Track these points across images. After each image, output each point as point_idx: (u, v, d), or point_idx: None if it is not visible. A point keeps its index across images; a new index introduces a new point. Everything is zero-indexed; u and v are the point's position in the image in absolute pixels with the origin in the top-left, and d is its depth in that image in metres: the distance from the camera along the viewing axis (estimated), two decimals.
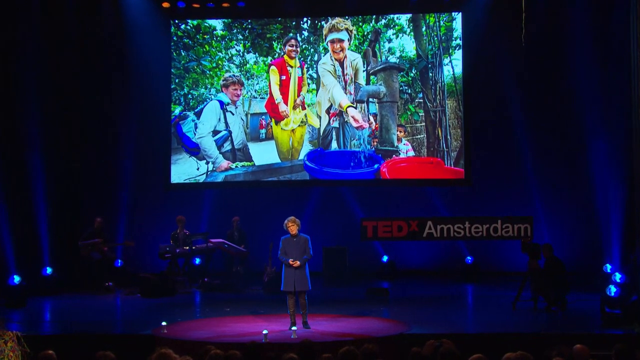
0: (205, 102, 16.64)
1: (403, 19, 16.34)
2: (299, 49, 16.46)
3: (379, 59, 16.31)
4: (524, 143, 16.28)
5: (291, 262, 10.62)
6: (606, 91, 15.46)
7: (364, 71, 16.29)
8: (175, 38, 16.82)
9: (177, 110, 16.71)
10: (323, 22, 16.44)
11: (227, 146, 16.56)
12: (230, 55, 16.69)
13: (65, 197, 16.55)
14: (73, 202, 16.80)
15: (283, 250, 10.75)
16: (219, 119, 16.57)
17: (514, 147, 16.41)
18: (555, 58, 16.19)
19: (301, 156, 16.48)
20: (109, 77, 16.87)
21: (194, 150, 16.60)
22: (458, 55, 16.22)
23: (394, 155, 16.22)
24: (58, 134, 16.44)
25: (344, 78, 16.28)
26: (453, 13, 16.27)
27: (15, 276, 13.64)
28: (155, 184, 16.85)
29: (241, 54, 16.67)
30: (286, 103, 16.46)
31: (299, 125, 16.50)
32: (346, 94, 16.25)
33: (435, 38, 16.29)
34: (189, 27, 16.81)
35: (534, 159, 16.28)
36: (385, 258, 16.67)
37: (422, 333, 10.22)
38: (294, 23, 16.58)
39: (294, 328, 10.36)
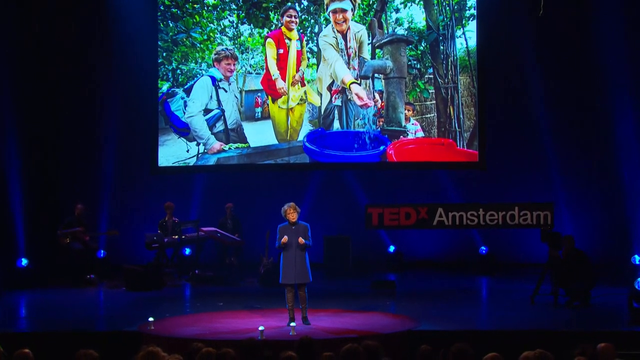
0: (195, 78, 16.59)
1: None
2: (298, 20, 16.40)
3: (386, 31, 16.25)
4: (544, 122, 16.26)
5: (284, 241, 10.56)
6: (635, 65, 15.41)
7: (369, 44, 16.24)
8: (162, 7, 16.75)
9: (164, 87, 16.66)
10: None
11: (219, 126, 16.54)
12: (222, 27, 16.63)
13: (42, 182, 16.55)
14: (51, 187, 16.79)
15: (280, 239, 10.72)
16: (211, 97, 16.53)
17: (533, 127, 16.39)
18: (579, 28, 16.14)
19: (300, 137, 16.46)
20: (89, 51, 16.83)
21: (184, 130, 16.57)
22: (472, 26, 16.15)
23: (401, 136, 16.20)
24: (34, 115, 16.40)
25: (347, 52, 16.23)
26: None
27: None
28: (141, 167, 16.84)
29: (235, 25, 16.61)
30: (284, 79, 16.42)
31: (298, 104, 16.47)
32: (349, 69, 16.21)
33: (447, 8, 16.23)
34: None
35: (555, 139, 16.26)
36: (391, 248, 16.70)
37: (431, 330, 10.26)
38: None
39: (292, 324, 10.36)
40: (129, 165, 16.97)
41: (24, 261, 15.02)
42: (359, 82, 16.20)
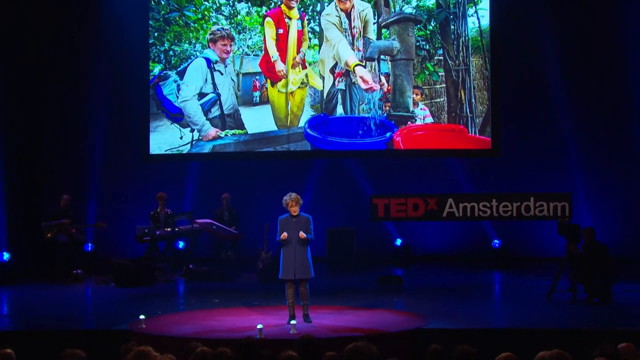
0: (189, 60, 16.57)
1: None
2: None
3: (392, 9, 16.21)
4: (561, 107, 16.24)
5: (283, 237, 10.57)
6: None
7: (374, 23, 16.21)
8: None
9: (156, 69, 16.64)
10: None
11: (215, 111, 16.53)
12: (218, 5, 16.60)
13: (25, 171, 16.52)
14: (35, 176, 16.77)
15: (281, 232, 10.72)
16: (206, 80, 16.52)
17: (549, 111, 16.38)
18: (601, 6, 16.09)
19: (301, 123, 16.45)
20: (75, 31, 16.80)
21: (177, 116, 16.56)
22: (485, 4, 16.12)
23: (409, 122, 16.18)
24: (15, 101, 16.37)
25: (351, 32, 16.20)
26: None
27: None
28: (131, 155, 16.84)
29: (231, 3, 16.58)
30: (284, 61, 16.40)
31: (299, 87, 16.45)
32: (354, 50, 16.18)
33: None
34: None
35: (573, 125, 16.24)
36: (398, 241, 16.71)
37: (441, 328, 10.25)
38: None
39: (293, 322, 10.37)
40: (118, 153, 16.97)
41: (6, 255, 15.03)
42: (363, 64, 16.17)
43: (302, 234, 10.58)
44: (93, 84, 16.79)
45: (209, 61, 16.52)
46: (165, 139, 16.58)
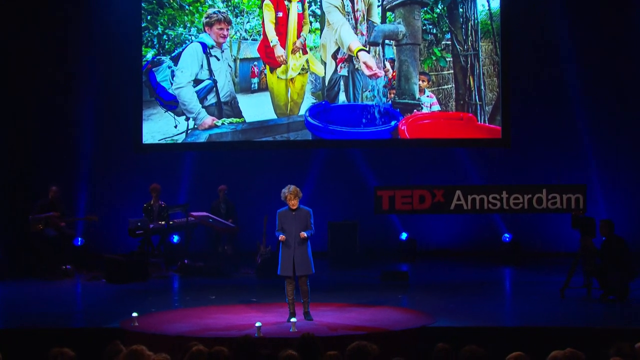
0: (184, 45, 16.55)
1: None
2: None
3: None
4: (576, 94, 16.24)
5: (282, 239, 10.60)
6: None
7: (378, 6, 16.19)
8: None
9: (149, 54, 16.62)
10: None
11: (211, 99, 16.51)
12: None
13: (11, 162, 16.52)
14: (22, 167, 16.76)
15: (280, 226, 10.73)
16: (201, 66, 16.50)
17: (563, 98, 16.37)
18: None
19: (302, 111, 16.43)
20: (62, 14, 16.76)
21: (171, 103, 16.55)
22: None
23: (415, 110, 16.17)
24: (0, 86, 16.37)
25: (355, 15, 16.18)
26: None
27: None
28: (123, 145, 16.83)
29: None
30: (283, 46, 16.38)
31: (299, 74, 16.44)
32: (357, 34, 16.17)
33: None
34: None
35: (588, 113, 16.22)
36: (404, 235, 16.72)
37: (448, 326, 10.27)
38: None
39: (293, 320, 10.38)
40: (109, 143, 16.96)
41: None
42: (367, 49, 16.14)
43: (302, 234, 10.58)
44: (82, 70, 16.76)
45: (204, 46, 16.50)
46: (158, 127, 16.57)
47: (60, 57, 16.85)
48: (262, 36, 16.46)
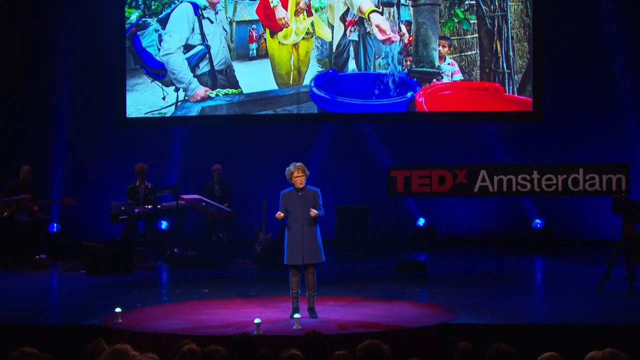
0: (172, 5, 16.56)
1: None
2: None
3: None
4: (617, 61, 16.21)
5: (279, 216, 10.54)
6: None
7: None
8: None
9: (133, 16, 16.63)
10: None
11: (204, 67, 16.54)
12: None
13: None
14: None
15: (284, 209, 10.67)
16: (192, 29, 16.52)
17: (603, 66, 16.35)
18: None
19: (307, 81, 16.46)
20: None
21: (158, 72, 16.57)
22: None
23: (434, 80, 16.17)
24: None
25: None
26: None
27: None
28: (104, 119, 16.89)
29: None
30: (285, 7, 16.37)
31: (304, 38, 16.44)
32: None
33: None
34: None
35: (632, 82, 16.19)
36: (421, 221, 16.74)
37: (471, 323, 10.27)
38: None
39: (297, 316, 10.37)
40: (89, 117, 17.01)
41: None
42: (380, 10, 16.13)
43: (313, 211, 10.48)
44: (58, 34, 16.79)
45: (196, 7, 16.50)
46: (144, 99, 16.60)
47: (35, 22, 16.84)
48: None
